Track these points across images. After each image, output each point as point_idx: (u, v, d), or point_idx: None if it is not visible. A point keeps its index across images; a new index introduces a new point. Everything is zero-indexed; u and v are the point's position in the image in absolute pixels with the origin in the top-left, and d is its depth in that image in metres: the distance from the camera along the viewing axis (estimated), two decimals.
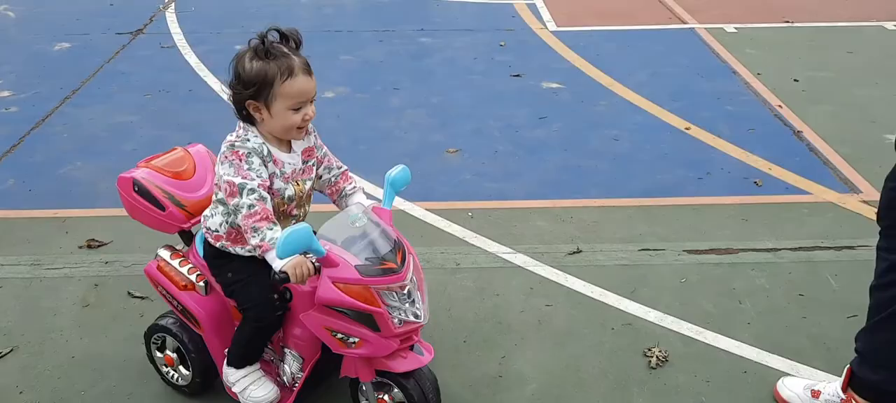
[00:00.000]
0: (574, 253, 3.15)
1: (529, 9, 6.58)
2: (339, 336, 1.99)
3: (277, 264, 1.89)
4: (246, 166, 1.97)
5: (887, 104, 4.54)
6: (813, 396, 2.34)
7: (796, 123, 4.31)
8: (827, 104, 4.56)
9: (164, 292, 2.32)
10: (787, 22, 6.10)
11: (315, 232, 1.88)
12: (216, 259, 2.15)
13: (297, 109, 1.98)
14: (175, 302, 2.28)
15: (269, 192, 2.00)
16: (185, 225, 2.30)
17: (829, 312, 2.78)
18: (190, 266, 2.27)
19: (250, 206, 1.94)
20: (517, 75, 5.10)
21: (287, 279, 1.88)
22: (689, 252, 3.15)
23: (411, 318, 1.99)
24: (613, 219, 3.40)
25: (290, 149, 2.08)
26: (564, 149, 4.08)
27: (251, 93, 1.95)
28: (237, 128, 2.03)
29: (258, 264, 2.06)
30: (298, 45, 2.00)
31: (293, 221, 2.10)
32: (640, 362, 2.57)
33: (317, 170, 2.18)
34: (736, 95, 4.75)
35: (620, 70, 5.14)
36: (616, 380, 2.49)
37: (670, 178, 3.75)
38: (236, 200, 1.95)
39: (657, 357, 2.57)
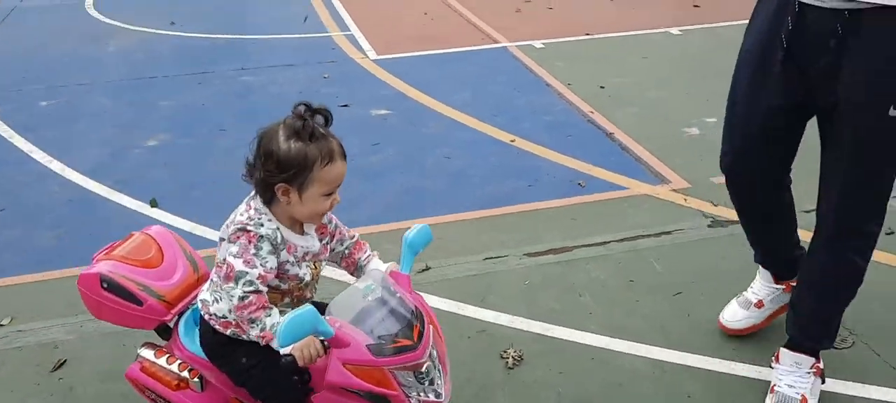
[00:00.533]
0: (424, 270, 3.25)
1: (348, 40, 6.67)
2: None
3: (284, 349, 1.77)
4: (253, 251, 1.82)
5: (681, 101, 5.04)
6: (757, 306, 2.71)
7: (608, 126, 4.69)
8: (631, 107, 4.99)
9: (154, 395, 2.11)
10: (588, 35, 6.61)
11: (325, 309, 1.79)
12: (223, 346, 1.95)
13: (328, 195, 1.86)
14: None
15: (281, 278, 1.91)
16: (166, 318, 2.09)
17: (658, 293, 3.06)
18: (178, 361, 2.07)
19: (242, 298, 1.80)
20: (345, 105, 5.15)
21: (295, 362, 1.76)
22: (529, 255, 3.34)
23: (431, 398, 1.86)
24: (457, 233, 3.53)
25: (302, 230, 1.95)
26: (401, 172, 4.19)
27: (287, 177, 1.80)
28: (247, 209, 1.87)
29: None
30: (329, 121, 1.86)
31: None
32: (498, 364, 2.69)
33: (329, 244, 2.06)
34: (551, 106, 5.09)
35: (443, 91, 5.34)
36: (479, 385, 2.59)
37: (503, 188, 3.95)
38: (230, 285, 1.80)
39: (513, 357, 2.71)
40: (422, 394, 1.84)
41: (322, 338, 1.78)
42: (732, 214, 3.56)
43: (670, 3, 7.49)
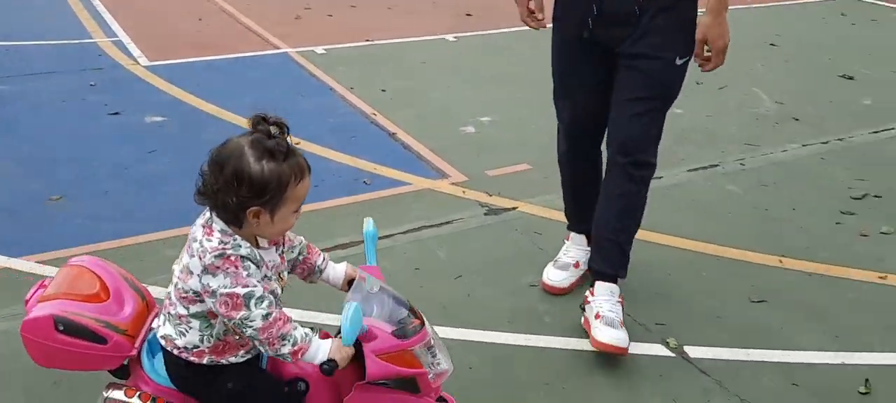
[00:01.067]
0: None
1: (116, 46, 6.31)
2: None
3: (320, 356, 1.77)
4: (245, 273, 1.71)
5: (458, 103, 5.32)
6: (575, 267, 3.13)
7: (390, 127, 4.84)
8: (412, 108, 5.19)
9: None
10: (368, 40, 6.76)
11: None
12: (203, 377, 1.86)
13: (296, 211, 1.78)
14: None
15: None
16: (131, 353, 1.90)
17: (441, 278, 3.23)
18: (152, 398, 1.90)
19: (266, 317, 1.72)
20: (115, 113, 4.88)
21: (336, 367, 1.76)
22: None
23: (444, 368, 1.96)
24: None
25: (259, 244, 1.82)
26: (179, 179, 4.03)
27: (262, 201, 1.70)
28: (208, 233, 1.74)
29: (255, 363, 1.90)
30: (286, 131, 1.75)
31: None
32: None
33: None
34: (335, 109, 5.16)
35: (223, 98, 5.22)
36: None
37: None
38: (243, 313, 1.70)
39: None
40: (436, 367, 1.94)
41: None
42: (506, 203, 3.87)
43: (445, 12, 7.85)
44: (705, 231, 3.64)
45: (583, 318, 2.83)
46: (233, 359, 1.87)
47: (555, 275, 3.13)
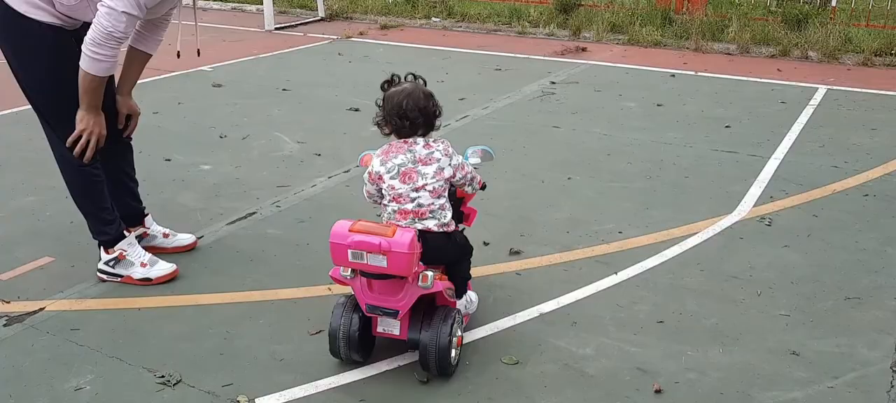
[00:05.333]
0: None
1: None
2: None
3: (481, 181, 3.08)
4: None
5: None
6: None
7: None
8: None
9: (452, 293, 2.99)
10: None
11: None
12: (452, 240, 2.92)
13: None
14: None
15: None
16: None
17: None
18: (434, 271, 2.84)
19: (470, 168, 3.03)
20: None
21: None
22: None
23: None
24: None
25: None
26: None
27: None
28: (432, 143, 2.84)
29: None
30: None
31: None
32: None
33: None
34: None
35: None
36: None
37: None
38: (468, 169, 2.96)
39: None
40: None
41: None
42: (29, 306, 3.37)
43: None
44: (255, 279, 3.64)
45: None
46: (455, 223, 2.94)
47: (165, 267, 3.60)
